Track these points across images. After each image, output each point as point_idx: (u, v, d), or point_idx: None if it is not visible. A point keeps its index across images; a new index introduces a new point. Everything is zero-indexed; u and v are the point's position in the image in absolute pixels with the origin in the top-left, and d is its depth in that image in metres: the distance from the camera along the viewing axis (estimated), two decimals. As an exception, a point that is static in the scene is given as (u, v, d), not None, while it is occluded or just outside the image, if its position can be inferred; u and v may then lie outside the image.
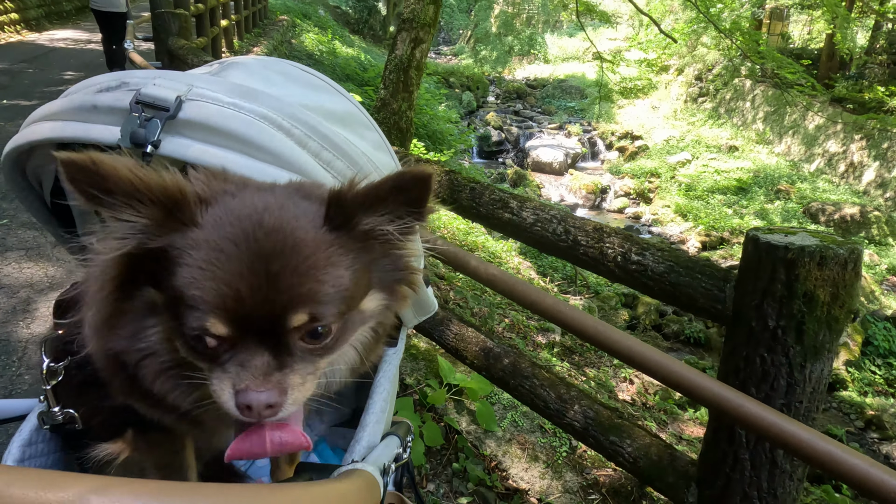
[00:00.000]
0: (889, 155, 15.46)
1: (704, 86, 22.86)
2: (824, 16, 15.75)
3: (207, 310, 0.57)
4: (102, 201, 0.58)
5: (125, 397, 0.73)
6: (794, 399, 1.17)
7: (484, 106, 26.79)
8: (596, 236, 1.43)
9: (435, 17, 7.17)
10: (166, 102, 0.75)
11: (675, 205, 16.76)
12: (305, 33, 19.04)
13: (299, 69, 0.98)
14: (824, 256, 1.08)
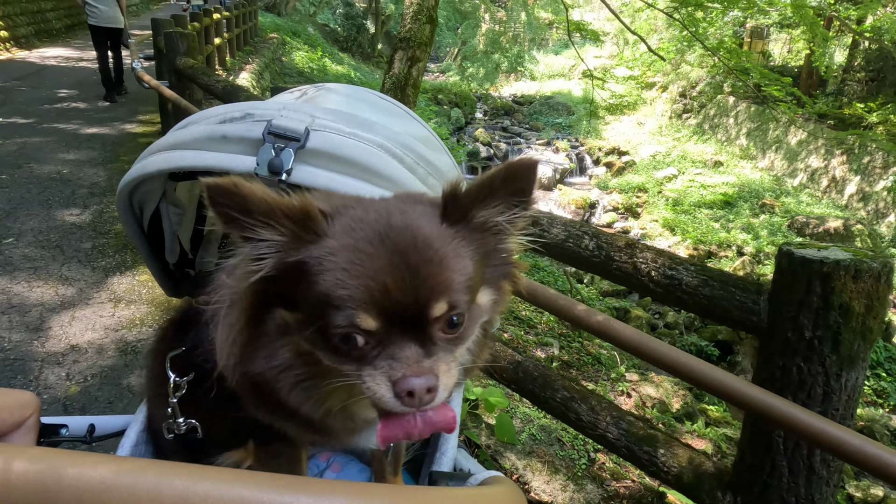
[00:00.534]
0: (869, 169, 15.83)
1: (689, 102, 23.30)
2: (803, 34, 16.20)
3: (356, 306, 0.60)
4: (240, 222, 0.61)
5: (255, 410, 0.76)
6: (830, 407, 1.23)
7: (472, 122, 27.04)
8: (629, 252, 1.48)
9: (431, 36, 7.29)
10: (297, 133, 0.79)
11: (662, 219, 16.97)
12: (295, 51, 19.17)
13: (378, 97, 1.03)
14: (859, 270, 1.14)
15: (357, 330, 0.61)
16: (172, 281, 1.20)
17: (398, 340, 0.62)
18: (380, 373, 0.61)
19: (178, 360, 0.84)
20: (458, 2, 27.82)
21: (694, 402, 7.40)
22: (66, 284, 3.84)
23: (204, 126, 0.86)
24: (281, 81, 14.82)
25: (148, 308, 3.72)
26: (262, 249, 0.63)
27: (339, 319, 0.60)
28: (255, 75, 11.83)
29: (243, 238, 0.63)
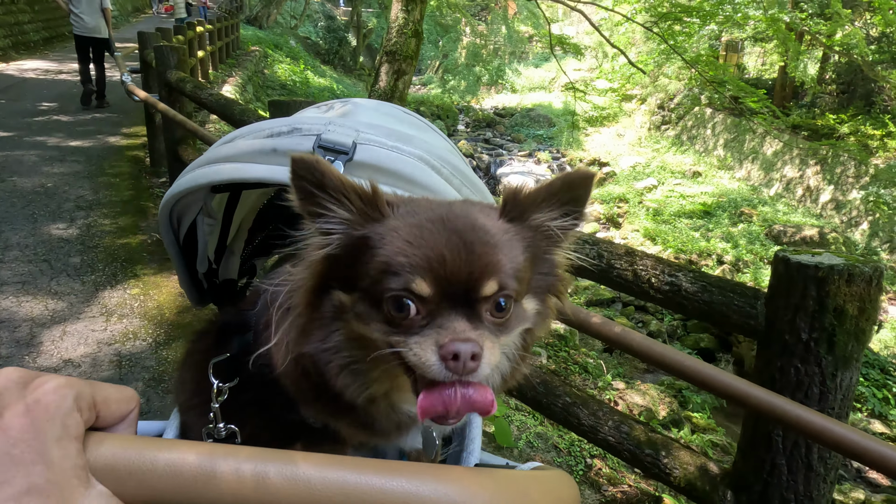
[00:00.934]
0: (842, 179, 16.26)
1: (667, 114, 23.73)
2: (777, 48, 16.66)
3: (413, 271, 0.64)
4: (315, 197, 0.67)
5: (309, 409, 0.79)
6: (826, 406, 1.29)
7: (454, 134, 27.21)
8: (629, 259, 1.54)
9: (416, 49, 7.37)
10: (345, 147, 0.84)
11: (643, 229, 17.20)
12: (277, 63, 19.18)
13: (402, 111, 1.07)
14: (852, 274, 1.20)
15: (411, 295, 0.64)
16: (199, 291, 1.23)
17: (447, 312, 0.65)
18: (427, 339, 0.64)
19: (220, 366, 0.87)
20: (440, 15, 28.09)
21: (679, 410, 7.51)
22: (56, 299, 3.79)
23: (252, 140, 0.90)
24: (264, 94, 14.80)
25: (141, 321, 3.69)
26: (330, 224, 0.68)
27: (394, 283, 0.64)
28: (238, 88, 11.82)
29: (313, 214, 0.68)
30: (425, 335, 0.64)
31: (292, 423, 0.82)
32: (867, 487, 7.29)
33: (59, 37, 18.17)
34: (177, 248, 1.12)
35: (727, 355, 10.86)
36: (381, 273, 0.65)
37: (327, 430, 0.83)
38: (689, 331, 11.42)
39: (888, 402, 9.57)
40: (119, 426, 0.51)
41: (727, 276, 14.21)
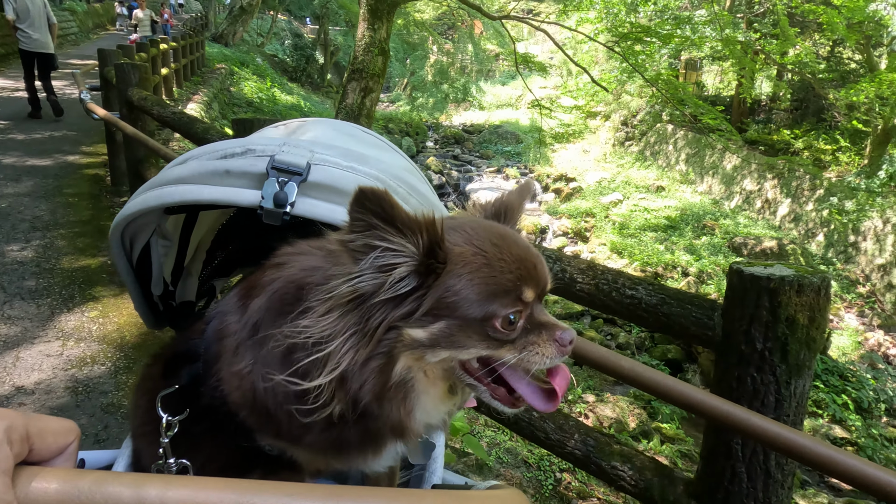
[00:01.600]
0: (798, 192, 16.86)
1: (630, 130, 24.32)
2: (733, 67, 17.28)
3: (521, 284, 0.71)
4: (378, 229, 0.66)
5: (262, 433, 0.78)
6: (782, 413, 1.32)
7: (423, 151, 27.35)
8: (591, 273, 1.56)
9: (383, 67, 7.41)
10: (299, 167, 0.84)
11: (610, 243, 17.48)
12: (244, 81, 19.02)
13: (362, 131, 1.07)
14: (802, 284, 1.25)
15: (521, 305, 0.71)
16: (155, 314, 1.20)
17: (536, 312, 0.74)
18: (541, 338, 0.72)
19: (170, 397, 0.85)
20: (407, 34, 28.37)
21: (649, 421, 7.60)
22: (10, 324, 3.65)
23: (205, 161, 0.89)
24: (230, 112, 14.64)
25: (99, 346, 3.57)
26: (390, 259, 0.67)
27: (506, 300, 0.70)
28: (203, 106, 11.66)
29: (367, 248, 0.67)
30: (538, 335, 0.72)
31: (248, 452, 0.81)
32: (830, 492, 7.47)
33: (15, 54, 17.73)
34: (130, 270, 1.10)
35: (693, 366, 11.06)
36: (486, 297, 0.69)
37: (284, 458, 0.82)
38: (657, 342, 11.60)
39: (847, 407, 9.85)
40: (57, 460, 0.49)
41: (692, 288, 14.54)
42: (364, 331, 0.68)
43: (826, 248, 15.90)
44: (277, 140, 0.90)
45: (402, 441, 0.79)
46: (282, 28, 36.18)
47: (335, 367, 0.68)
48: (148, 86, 3.95)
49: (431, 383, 0.73)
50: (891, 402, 10.03)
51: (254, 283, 0.81)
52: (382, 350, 0.69)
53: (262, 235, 0.98)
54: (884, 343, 13.06)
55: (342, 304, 0.68)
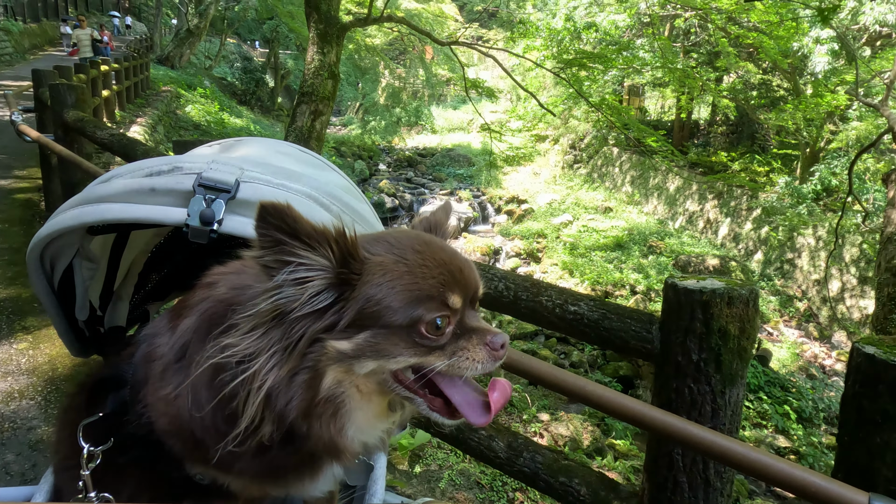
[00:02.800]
0: (737, 212, 17.66)
1: (578, 153, 25.03)
2: (673, 91, 18.10)
3: (445, 289, 0.68)
4: (285, 245, 0.64)
5: (193, 462, 0.74)
6: (719, 422, 1.36)
7: (376, 174, 27.34)
8: (535, 290, 1.58)
9: (333, 91, 7.41)
10: (227, 185, 0.81)
11: (561, 262, 17.81)
12: (191, 104, 18.64)
13: (298, 149, 1.06)
14: (731, 297, 1.30)
15: (448, 310, 0.69)
16: (81, 340, 1.14)
17: (466, 317, 0.72)
18: (471, 342, 0.70)
19: (94, 426, 0.80)
20: (358, 58, 28.49)
21: (602, 438, 7.69)
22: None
23: (130, 179, 0.86)
24: (175, 134, 14.29)
25: (28, 379, 3.36)
26: (304, 273, 0.66)
27: (431, 305, 0.68)
28: (147, 128, 11.35)
29: (279, 264, 0.65)
30: (468, 339, 0.70)
31: (178, 482, 0.77)
32: (776, 500, 7.70)
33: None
34: (50, 293, 1.04)
35: (644, 381, 11.30)
36: (409, 303, 0.67)
37: (217, 487, 0.78)
38: (609, 360, 11.82)
39: (789, 417, 10.23)
40: None
41: (640, 306, 14.94)
42: (287, 346, 0.67)
43: (765, 265, 16.67)
44: (206, 158, 0.88)
45: (339, 462, 0.77)
46: (231, 51, 35.76)
47: (261, 385, 0.66)
48: (85, 107, 3.82)
49: (365, 399, 0.71)
50: (828, 410, 10.49)
51: (184, 304, 0.79)
52: (308, 364, 0.68)
53: (199, 256, 0.95)
54: (819, 354, 13.70)
55: (264, 320, 0.67)
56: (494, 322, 12.05)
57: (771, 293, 16.00)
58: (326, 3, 7.22)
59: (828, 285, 14.63)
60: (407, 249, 0.71)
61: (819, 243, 15.05)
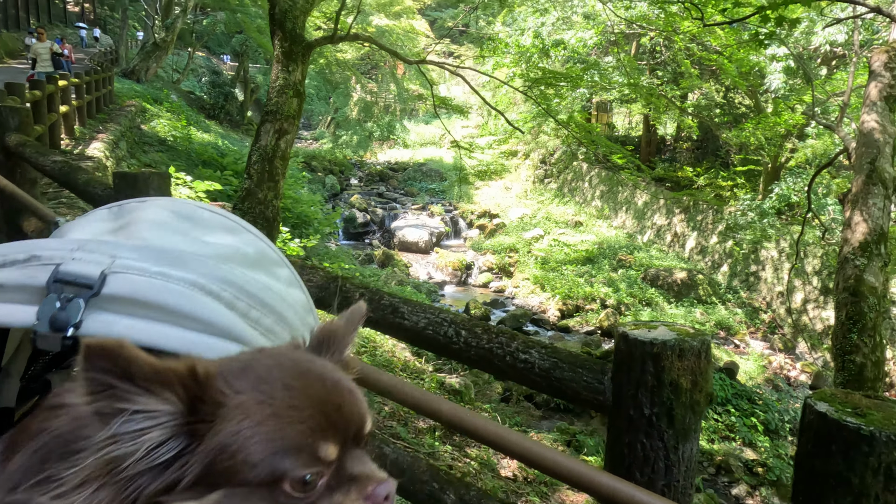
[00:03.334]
0: (703, 226, 18.00)
1: (549, 168, 25.29)
2: (641, 108, 18.46)
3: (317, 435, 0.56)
4: (117, 389, 0.52)
5: None
6: (672, 479, 1.31)
7: (348, 189, 27.20)
8: (486, 337, 1.52)
9: (299, 109, 7.31)
10: (90, 279, 0.69)
11: (533, 277, 17.89)
12: (156, 118, 18.29)
13: (206, 210, 0.95)
14: (682, 349, 1.26)
15: (319, 463, 0.56)
16: None
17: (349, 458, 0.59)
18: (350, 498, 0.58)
19: None
20: (329, 73, 28.43)
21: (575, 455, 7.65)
22: None
23: None
24: (139, 150, 13.97)
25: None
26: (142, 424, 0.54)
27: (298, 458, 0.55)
28: (108, 145, 11.05)
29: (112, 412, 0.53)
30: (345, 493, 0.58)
31: None
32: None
33: None
34: None
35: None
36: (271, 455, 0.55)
37: None
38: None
39: (756, 429, 10.35)
40: None
41: (610, 319, 15.05)
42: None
43: (730, 277, 16.99)
44: (72, 243, 0.76)
45: None
46: (200, 65, 35.33)
47: None
48: (30, 130, 3.64)
49: None
50: (793, 421, 10.66)
51: (22, 433, 0.65)
52: None
53: None
54: (785, 365, 13.96)
55: (94, 476, 0.55)
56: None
57: (737, 305, 16.29)
58: (291, 21, 7.13)
59: (791, 297, 14.96)
60: (276, 385, 0.59)
61: (782, 256, 15.40)
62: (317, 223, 14.08)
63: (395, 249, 20.26)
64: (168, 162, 12.96)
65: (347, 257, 16.14)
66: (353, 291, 1.72)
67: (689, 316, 15.35)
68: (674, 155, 20.65)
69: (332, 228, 16.72)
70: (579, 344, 13.95)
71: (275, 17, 7.19)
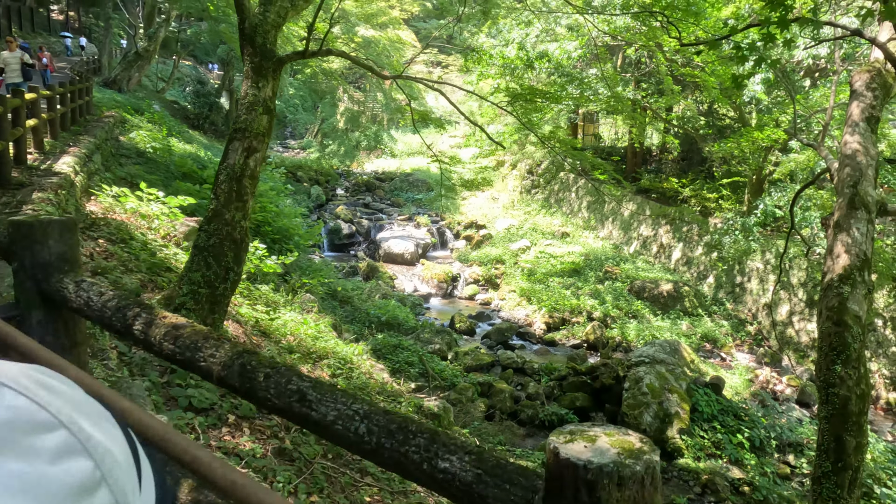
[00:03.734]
0: (689, 237, 17.90)
1: (536, 179, 25.17)
2: (625, 120, 18.39)
3: None
4: None
5: None
6: None
7: (333, 199, 26.96)
8: (401, 438, 1.29)
9: (269, 126, 7.06)
10: None
11: (519, 289, 17.72)
12: (136, 129, 17.94)
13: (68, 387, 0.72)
14: (622, 476, 1.04)
15: None
16: None
17: None
18: None
19: None
20: (315, 82, 28.23)
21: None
22: None
23: None
24: (115, 163, 13.63)
25: None
26: None
27: None
28: (79, 159, 10.72)
29: None
30: None
31: None
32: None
33: None
34: None
35: (601, 413, 11.17)
36: None
37: None
38: (565, 391, 11.68)
39: (743, 446, 10.18)
40: None
41: (597, 332, 14.87)
42: None
43: (716, 289, 16.88)
44: None
45: None
46: (186, 74, 35.00)
47: None
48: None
49: None
50: (780, 437, 10.50)
51: None
52: None
53: None
54: (771, 379, 13.83)
55: None
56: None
57: (723, 317, 16.19)
58: (262, 36, 6.91)
59: (777, 310, 14.86)
60: None
61: (767, 267, 15.31)
62: (298, 237, 13.80)
63: (381, 261, 20.02)
64: (144, 175, 12.67)
65: (330, 270, 15.87)
66: (259, 370, 1.49)
67: (675, 328, 15.21)
68: (659, 166, 20.58)
69: (315, 241, 16.43)
70: (565, 358, 13.78)
71: (244, 32, 6.97)
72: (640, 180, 19.34)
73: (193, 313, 6.29)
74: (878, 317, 13.18)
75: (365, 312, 13.25)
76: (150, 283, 7.32)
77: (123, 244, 8.01)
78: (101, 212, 8.99)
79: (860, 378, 4.29)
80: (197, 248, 6.41)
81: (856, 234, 4.71)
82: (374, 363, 9.60)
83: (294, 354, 8.03)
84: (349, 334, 11.16)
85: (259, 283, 10.31)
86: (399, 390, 8.74)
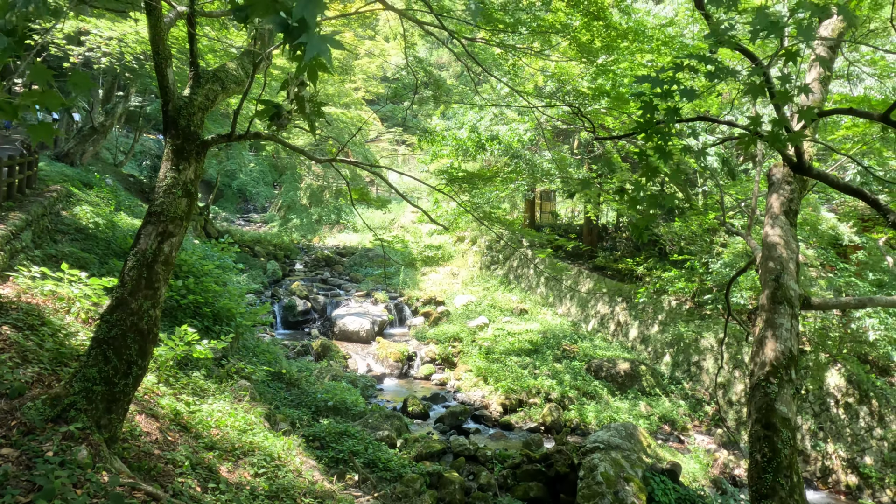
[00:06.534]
0: (645, 315, 17.87)
1: (495, 254, 25.23)
2: (580, 198, 18.71)
3: None
4: None
5: None
6: None
7: (291, 274, 26.47)
8: None
9: (188, 210, 6.77)
10: None
11: (476, 368, 17.25)
12: (81, 204, 17.44)
13: None
14: None
15: None
16: None
17: None
18: None
19: None
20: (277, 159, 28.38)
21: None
22: None
23: None
24: (48, 241, 13.05)
25: None
26: None
27: None
28: (2, 238, 10.18)
29: None
30: None
31: None
32: None
33: None
34: None
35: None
36: None
37: None
38: (519, 480, 11.11)
39: (704, 536, 9.64)
40: None
41: (553, 415, 14.37)
42: None
43: (673, 367, 16.69)
44: None
45: None
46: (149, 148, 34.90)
47: None
48: None
49: None
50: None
51: None
52: None
53: None
54: (729, 463, 13.41)
55: None
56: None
57: (681, 397, 15.90)
58: (186, 119, 6.73)
59: (732, 388, 14.66)
60: None
61: (722, 346, 15.23)
62: (240, 317, 13.21)
63: (335, 339, 19.40)
64: (80, 253, 12.12)
65: (278, 351, 15.17)
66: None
67: (633, 410, 14.83)
68: (614, 244, 20.85)
69: (260, 322, 15.81)
70: (520, 443, 13.22)
71: (168, 114, 6.78)
72: (596, 258, 19.49)
73: (85, 414, 5.71)
74: (829, 397, 13.08)
75: (312, 396, 12.59)
76: (52, 374, 6.71)
77: (31, 331, 7.43)
78: (14, 294, 8.41)
79: (793, 488, 3.98)
80: (96, 341, 5.91)
81: (781, 329, 4.55)
82: (306, 459, 8.92)
83: (213, 452, 7.38)
84: (284, 424, 10.47)
85: (190, 370, 9.68)
86: (329, 490, 8.06)
